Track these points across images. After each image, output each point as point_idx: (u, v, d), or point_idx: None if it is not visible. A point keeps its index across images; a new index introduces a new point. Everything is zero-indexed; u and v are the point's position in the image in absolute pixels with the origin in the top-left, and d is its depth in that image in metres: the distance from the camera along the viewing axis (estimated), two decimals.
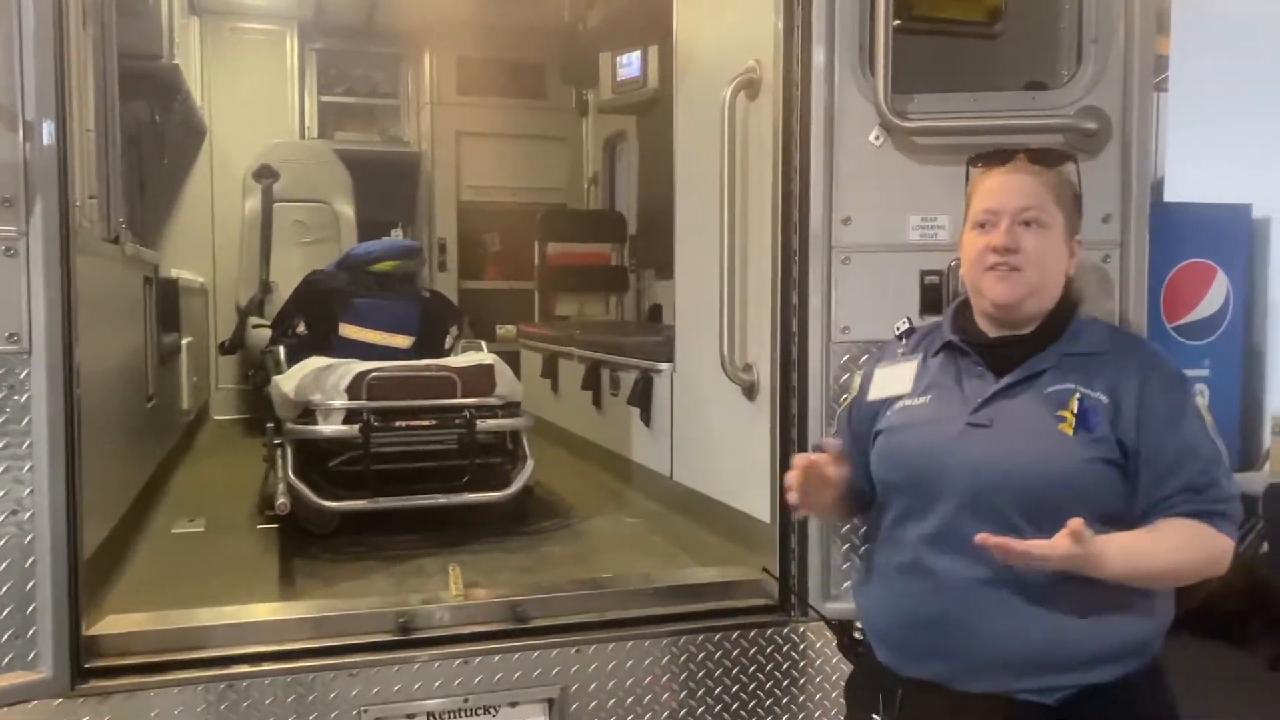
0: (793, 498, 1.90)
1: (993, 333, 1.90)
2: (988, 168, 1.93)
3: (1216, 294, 5.65)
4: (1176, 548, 1.73)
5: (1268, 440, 5.37)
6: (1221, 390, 5.52)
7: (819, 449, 1.93)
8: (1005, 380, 1.84)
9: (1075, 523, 1.61)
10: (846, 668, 2.24)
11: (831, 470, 1.89)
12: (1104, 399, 1.77)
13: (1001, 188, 1.86)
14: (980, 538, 1.64)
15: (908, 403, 1.93)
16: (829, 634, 2.51)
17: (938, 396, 1.90)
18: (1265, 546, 4.67)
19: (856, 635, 2.02)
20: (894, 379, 1.99)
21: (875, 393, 2.02)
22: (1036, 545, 1.62)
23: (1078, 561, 1.63)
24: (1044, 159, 1.92)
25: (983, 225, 1.85)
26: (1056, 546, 1.61)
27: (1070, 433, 1.76)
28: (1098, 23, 2.59)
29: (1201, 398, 1.84)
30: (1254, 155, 5.64)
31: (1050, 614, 1.73)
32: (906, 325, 2.09)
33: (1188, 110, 5.93)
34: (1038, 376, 1.83)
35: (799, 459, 1.90)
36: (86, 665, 2.27)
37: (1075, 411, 1.77)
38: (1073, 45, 2.65)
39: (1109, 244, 2.57)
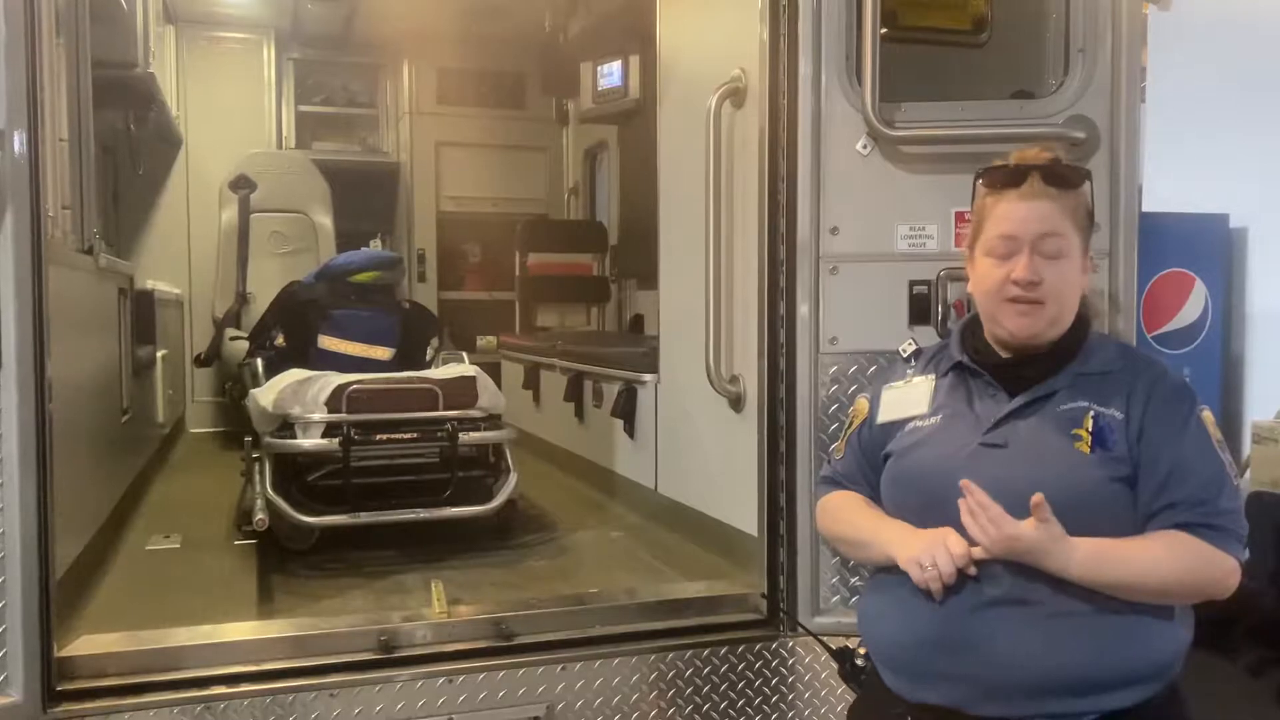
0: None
1: (1005, 354, 1.87)
2: (1000, 188, 1.83)
3: (1195, 303, 5.67)
4: (1160, 558, 1.68)
5: (1247, 448, 5.39)
6: (1201, 399, 5.52)
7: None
8: (1018, 400, 1.81)
9: (1037, 498, 1.61)
10: (838, 683, 2.20)
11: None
12: (1118, 415, 1.75)
13: (1019, 215, 1.79)
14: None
15: (919, 424, 1.90)
16: (818, 649, 2.48)
17: (949, 417, 1.87)
18: (1246, 554, 4.68)
19: (859, 662, 1.95)
20: (904, 400, 1.95)
21: (885, 415, 1.98)
22: (1010, 521, 1.63)
23: (1040, 550, 1.64)
24: (1061, 181, 1.82)
25: (1002, 255, 1.80)
26: (1021, 527, 1.63)
27: (1087, 451, 1.73)
28: (1084, 32, 2.59)
29: (1209, 413, 1.81)
30: (1230, 165, 5.68)
31: (1072, 635, 1.67)
32: (914, 347, 2.06)
33: (1164, 120, 5.96)
34: (1050, 396, 1.80)
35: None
36: (59, 688, 2.21)
37: (1091, 430, 1.74)
38: (1059, 54, 2.65)
39: (1098, 253, 2.54)
